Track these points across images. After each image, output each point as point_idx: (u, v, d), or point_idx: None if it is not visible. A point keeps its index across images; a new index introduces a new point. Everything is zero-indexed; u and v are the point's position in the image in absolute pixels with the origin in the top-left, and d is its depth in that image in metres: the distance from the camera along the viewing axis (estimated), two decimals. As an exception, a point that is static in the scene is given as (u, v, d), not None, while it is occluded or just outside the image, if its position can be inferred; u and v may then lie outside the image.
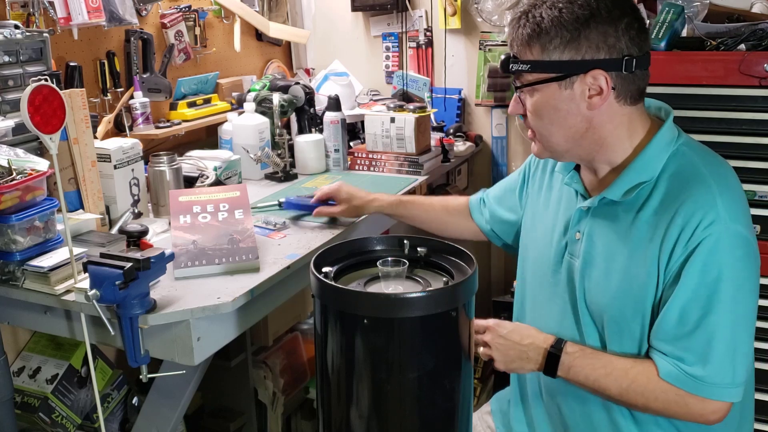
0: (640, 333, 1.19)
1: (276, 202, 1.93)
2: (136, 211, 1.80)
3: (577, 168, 1.33)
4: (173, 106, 2.34)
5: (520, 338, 1.27)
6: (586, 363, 1.21)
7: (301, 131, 2.42)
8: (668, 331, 1.15)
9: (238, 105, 2.47)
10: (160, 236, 1.72)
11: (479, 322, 1.28)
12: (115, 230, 1.67)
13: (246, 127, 2.23)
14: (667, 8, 1.91)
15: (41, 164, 1.44)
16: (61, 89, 1.34)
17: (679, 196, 1.15)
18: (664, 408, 1.17)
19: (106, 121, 2.06)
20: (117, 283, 1.21)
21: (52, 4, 1.88)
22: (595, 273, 1.24)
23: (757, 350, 2.01)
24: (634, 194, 1.19)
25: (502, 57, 1.22)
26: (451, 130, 2.69)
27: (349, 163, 2.37)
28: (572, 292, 1.29)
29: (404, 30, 2.87)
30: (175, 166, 1.89)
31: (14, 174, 1.38)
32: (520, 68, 1.19)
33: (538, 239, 1.40)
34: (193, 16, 2.45)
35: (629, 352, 1.21)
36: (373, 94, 2.89)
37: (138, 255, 1.25)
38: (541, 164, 1.46)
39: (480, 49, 2.75)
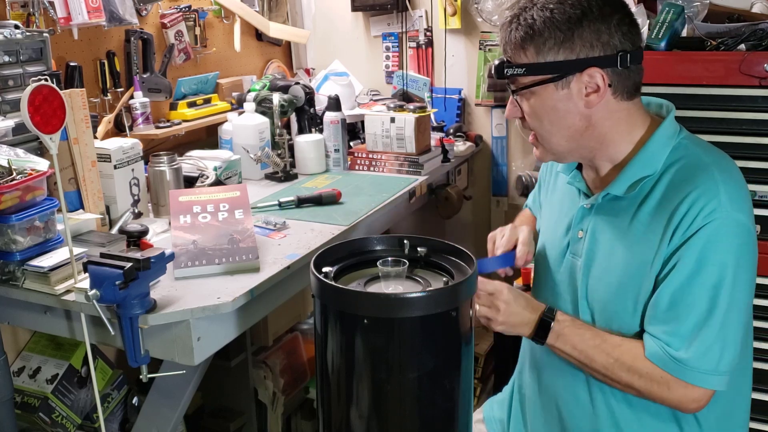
0: (640, 326, 1.20)
1: (276, 202, 1.93)
2: (136, 211, 1.80)
3: (579, 167, 1.34)
4: (173, 106, 2.34)
5: (523, 305, 1.26)
6: (576, 332, 1.22)
7: (301, 131, 2.42)
8: (658, 314, 1.16)
9: (238, 105, 2.47)
10: (160, 236, 1.72)
11: (486, 286, 1.26)
12: (115, 230, 1.67)
13: (246, 127, 2.23)
14: (667, 8, 1.91)
15: (41, 164, 1.44)
16: (61, 89, 1.34)
17: (683, 185, 1.15)
18: (647, 388, 1.17)
19: (106, 121, 2.06)
20: (117, 283, 1.21)
21: (52, 4, 1.88)
22: (596, 270, 1.25)
23: (756, 350, 2.02)
24: (638, 189, 1.19)
25: (495, 62, 1.23)
26: (451, 130, 2.69)
27: (349, 163, 2.37)
28: (573, 291, 1.29)
29: (404, 30, 2.87)
30: (175, 166, 1.89)
31: (14, 174, 1.38)
32: (515, 72, 1.18)
33: (546, 239, 1.41)
34: (193, 16, 2.45)
35: None
36: (373, 94, 2.89)
37: (138, 255, 1.25)
38: (549, 166, 1.47)
39: (480, 49, 2.75)
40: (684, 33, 1.99)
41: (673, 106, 1.27)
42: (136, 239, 1.59)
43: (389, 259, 1.17)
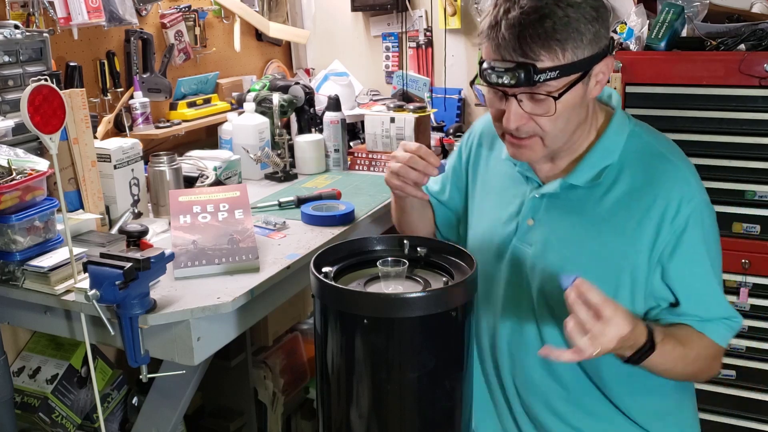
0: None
1: (276, 202, 1.93)
2: (136, 211, 1.80)
3: None
4: (173, 106, 2.34)
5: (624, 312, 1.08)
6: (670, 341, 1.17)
7: (301, 131, 2.42)
8: (696, 304, 1.18)
9: (238, 105, 2.47)
10: (160, 236, 1.71)
11: (593, 299, 1.00)
12: (115, 230, 1.67)
13: (246, 127, 2.23)
14: (667, 8, 1.91)
15: (41, 164, 1.44)
16: (61, 89, 1.34)
17: (652, 176, 1.16)
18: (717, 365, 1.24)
19: (106, 121, 2.06)
20: (117, 283, 1.21)
21: (52, 4, 1.89)
22: (554, 259, 1.21)
23: (756, 350, 2.02)
24: (601, 178, 1.18)
25: (507, 76, 1.08)
26: (451, 130, 2.68)
27: (349, 163, 2.37)
28: (522, 279, 1.26)
29: (404, 30, 2.87)
30: (175, 166, 1.89)
31: (14, 174, 1.38)
32: (548, 77, 1.05)
33: (485, 225, 1.34)
34: (193, 16, 2.45)
35: None
36: (373, 94, 2.89)
37: (138, 255, 1.25)
38: (482, 140, 1.39)
39: (480, 49, 2.74)
40: (684, 33, 1.99)
41: (617, 94, 1.27)
42: (136, 239, 1.59)
43: (389, 259, 1.17)
